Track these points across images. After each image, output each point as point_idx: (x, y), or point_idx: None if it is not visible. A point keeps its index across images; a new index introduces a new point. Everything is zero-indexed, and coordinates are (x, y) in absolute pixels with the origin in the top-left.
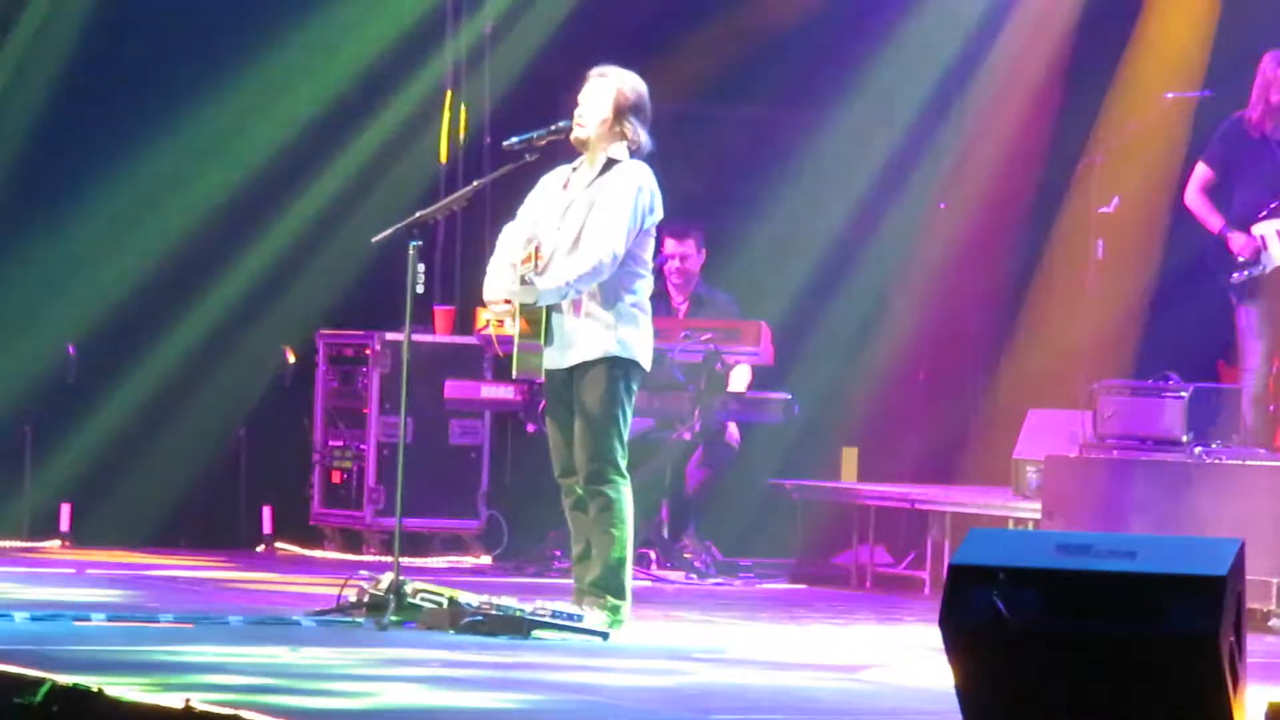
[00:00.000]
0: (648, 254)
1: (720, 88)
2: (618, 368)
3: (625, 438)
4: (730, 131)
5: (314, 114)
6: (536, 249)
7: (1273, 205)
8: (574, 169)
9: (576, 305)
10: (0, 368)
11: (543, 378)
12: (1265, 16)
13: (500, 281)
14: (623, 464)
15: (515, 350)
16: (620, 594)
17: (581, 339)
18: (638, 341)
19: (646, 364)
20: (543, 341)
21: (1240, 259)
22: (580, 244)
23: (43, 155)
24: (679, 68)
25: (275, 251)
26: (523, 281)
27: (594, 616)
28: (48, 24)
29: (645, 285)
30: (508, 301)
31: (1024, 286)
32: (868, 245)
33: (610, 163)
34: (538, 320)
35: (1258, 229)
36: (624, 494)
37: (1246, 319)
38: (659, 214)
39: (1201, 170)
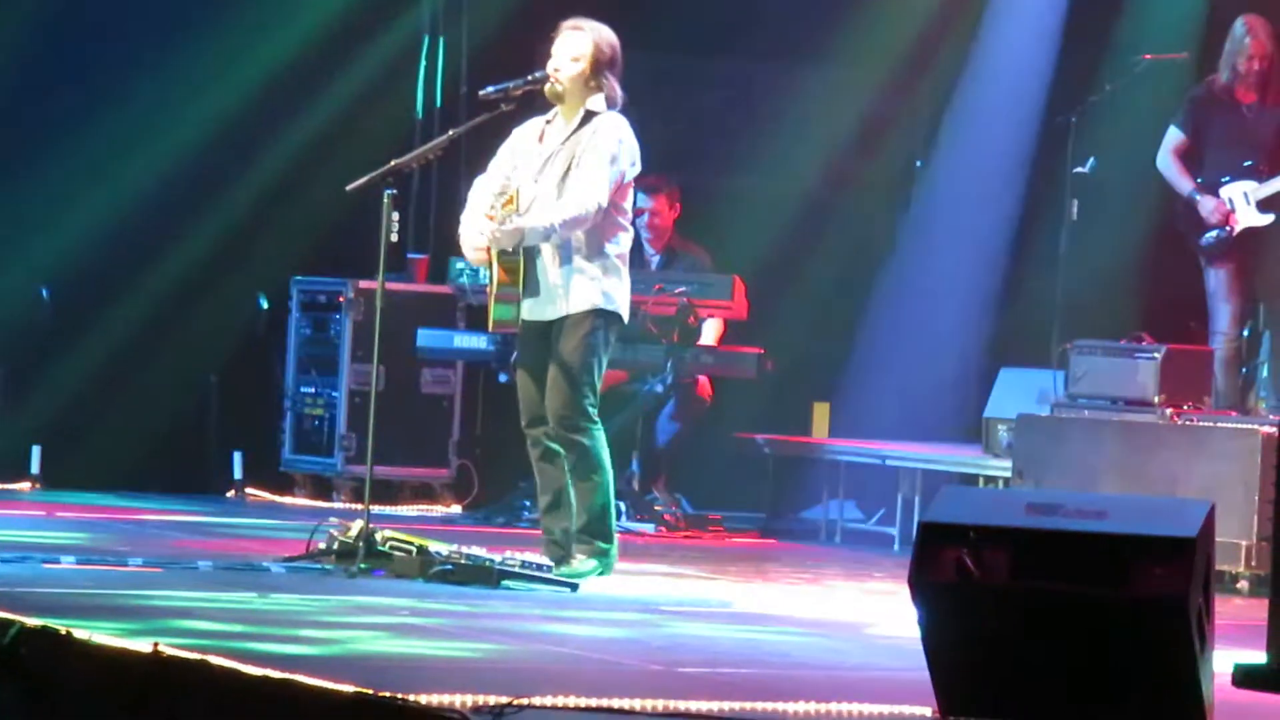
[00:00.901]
0: (628, 205)
1: (696, 41)
2: (600, 318)
3: (598, 388)
4: (706, 85)
5: (290, 61)
6: (516, 193)
7: (1244, 166)
8: (548, 121)
9: (560, 256)
10: None
11: (518, 329)
12: None
13: (476, 230)
14: (594, 412)
15: (490, 301)
16: (608, 538)
17: (566, 292)
18: (620, 294)
19: (625, 316)
20: (521, 291)
21: (1209, 222)
22: (565, 192)
23: (16, 100)
24: (654, 20)
25: (250, 198)
26: (502, 224)
27: (582, 563)
28: None
29: (626, 237)
30: (486, 250)
31: (999, 245)
32: (844, 202)
33: (589, 115)
34: (515, 270)
35: (1225, 192)
36: (599, 440)
37: (1215, 281)
38: (638, 167)
39: (1173, 134)
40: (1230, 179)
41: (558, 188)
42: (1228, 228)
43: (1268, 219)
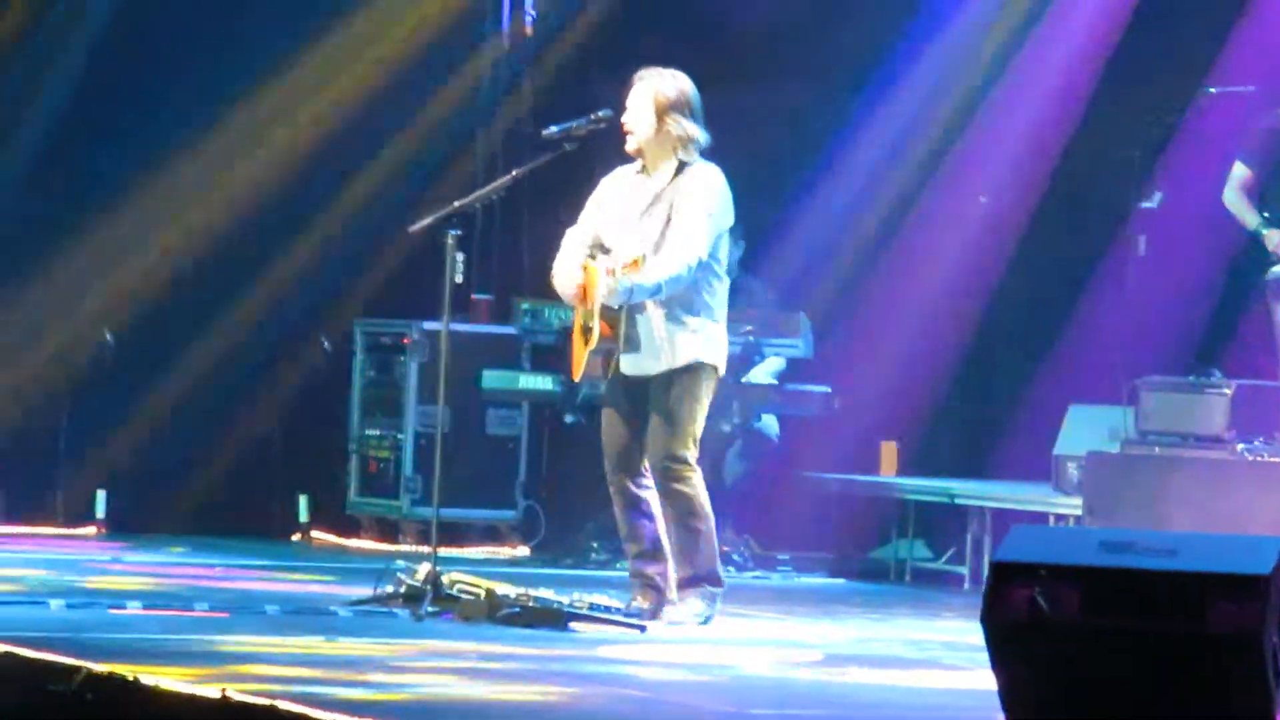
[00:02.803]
0: (723, 255)
1: (760, 78)
2: (699, 371)
3: (699, 439)
4: (770, 122)
5: (353, 106)
6: (642, 258)
7: None
8: (638, 172)
9: (664, 311)
10: (40, 356)
11: (605, 379)
12: None
13: (574, 280)
14: (694, 462)
15: (581, 350)
16: (719, 583)
17: (669, 346)
18: (719, 345)
19: (724, 368)
20: (620, 346)
21: (1274, 257)
22: (665, 247)
23: (84, 145)
24: (718, 59)
25: (315, 242)
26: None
27: (693, 607)
28: (83, 14)
29: (723, 287)
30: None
31: (1066, 280)
32: (909, 239)
33: (681, 165)
34: (616, 323)
35: None
36: (701, 488)
37: None
38: (731, 217)
39: (1239, 169)
40: None
41: (657, 242)
42: None
43: None
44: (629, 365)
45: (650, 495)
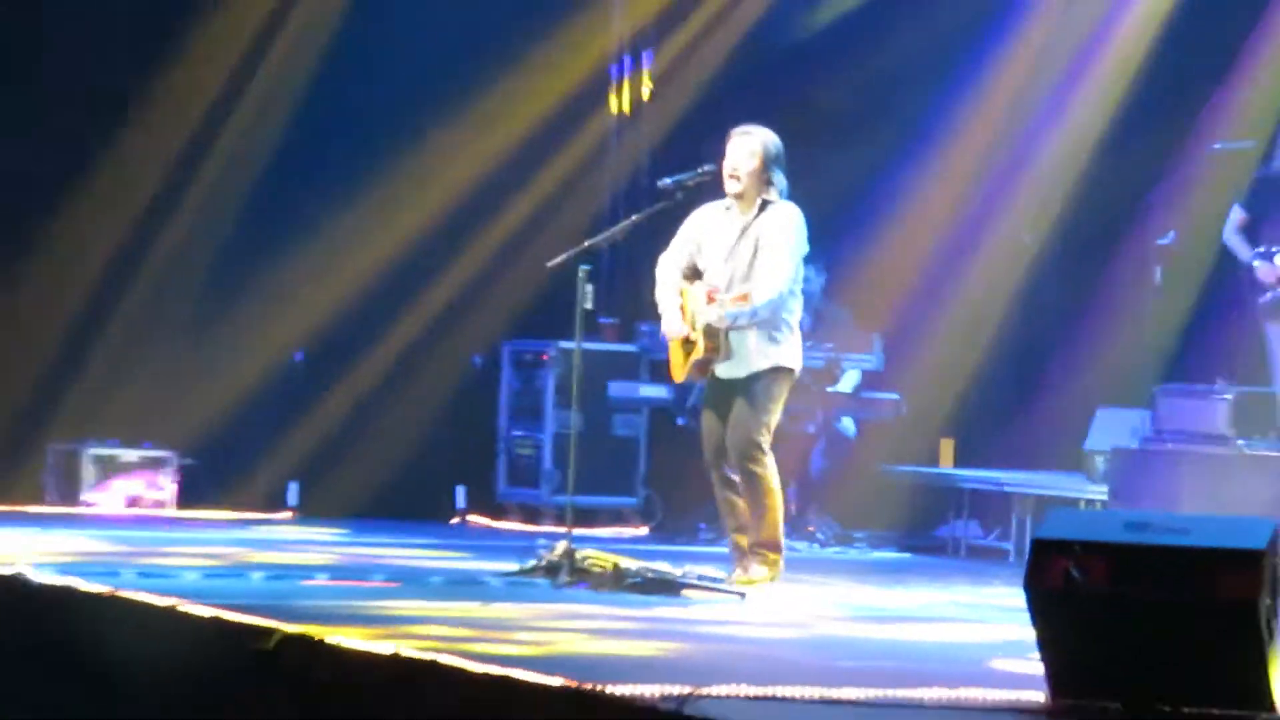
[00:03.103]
0: (799, 278)
1: (838, 133)
2: (779, 373)
3: (773, 429)
4: (846, 172)
5: (506, 159)
6: (748, 295)
7: None
8: (726, 208)
9: (754, 327)
10: (240, 368)
11: (701, 381)
12: None
13: (677, 316)
14: (768, 447)
15: (685, 361)
16: (778, 549)
17: (756, 353)
18: (794, 352)
19: (798, 370)
20: (720, 355)
21: (1265, 284)
22: (754, 275)
23: (277, 188)
24: (806, 118)
25: (469, 275)
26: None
27: (756, 572)
28: (285, 66)
29: (798, 305)
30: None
31: (1095, 306)
32: (963, 269)
33: (764, 204)
34: (716, 337)
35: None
36: (771, 469)
37: (1274, 338)
38: (807, 246)
39: (1237, 212)
40: None
41: (748, 269)
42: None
43: None
44: (724, 370)
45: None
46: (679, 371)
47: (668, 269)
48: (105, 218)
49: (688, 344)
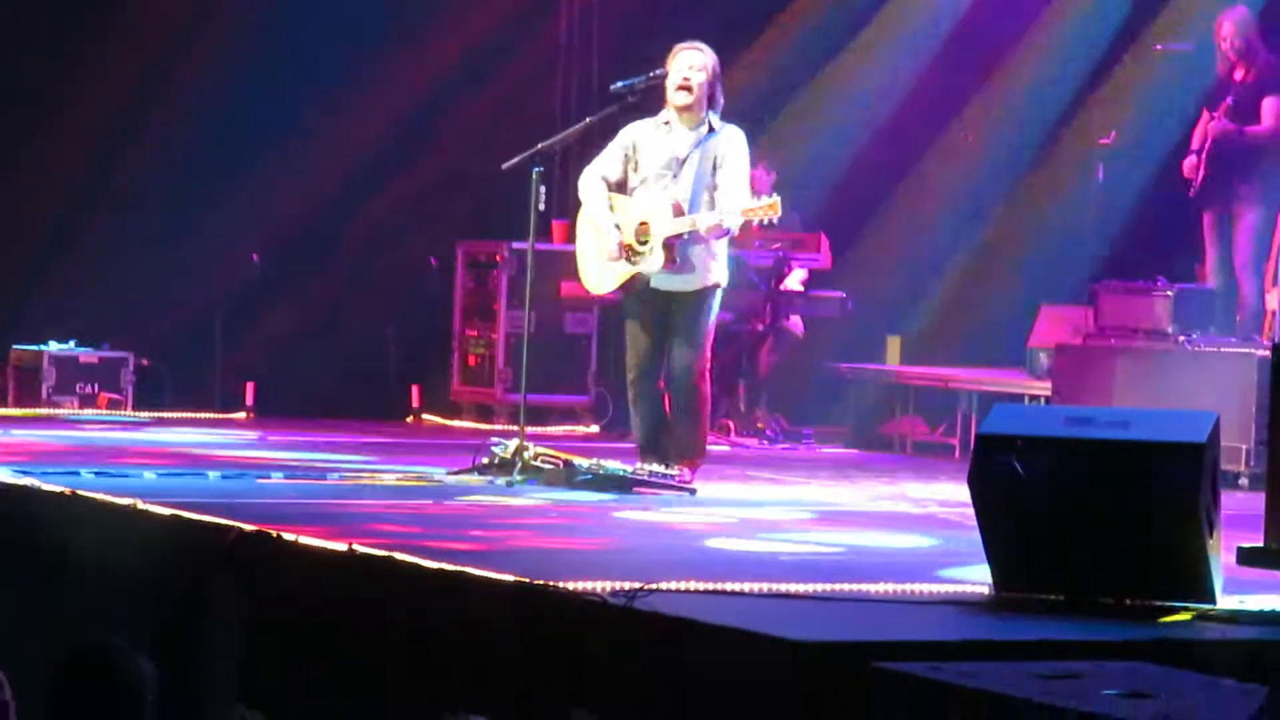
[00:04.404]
0: None
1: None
2: (718, 289)
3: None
4: (793, 74)
5: (453, 64)
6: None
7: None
8: (663, 123)
9: (697, 239)
10: (200, 275)
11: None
12: None
13: (615, 232)
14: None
15: (630, 272)
16: (700, 462)
17: (701, 268)
18: (728, 267)
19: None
20: (674, 261)
21: (1187, 178)
22: (721, 192)
23: (234, 96)
24: (750, 22)
25: (423, 179)
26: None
27: (685, 473)
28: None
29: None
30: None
31: (1038, 203)
32: (908, 168)
33: (709, 123)
34: (673, 249)
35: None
36: (707, 389)
37: (1207, 224)
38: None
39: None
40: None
41: (707, 186)
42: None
43: None
44: (665, 283)
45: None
46: (609, 282)
47: (596, 182)
48: (68, 128)
49: (632, 255)
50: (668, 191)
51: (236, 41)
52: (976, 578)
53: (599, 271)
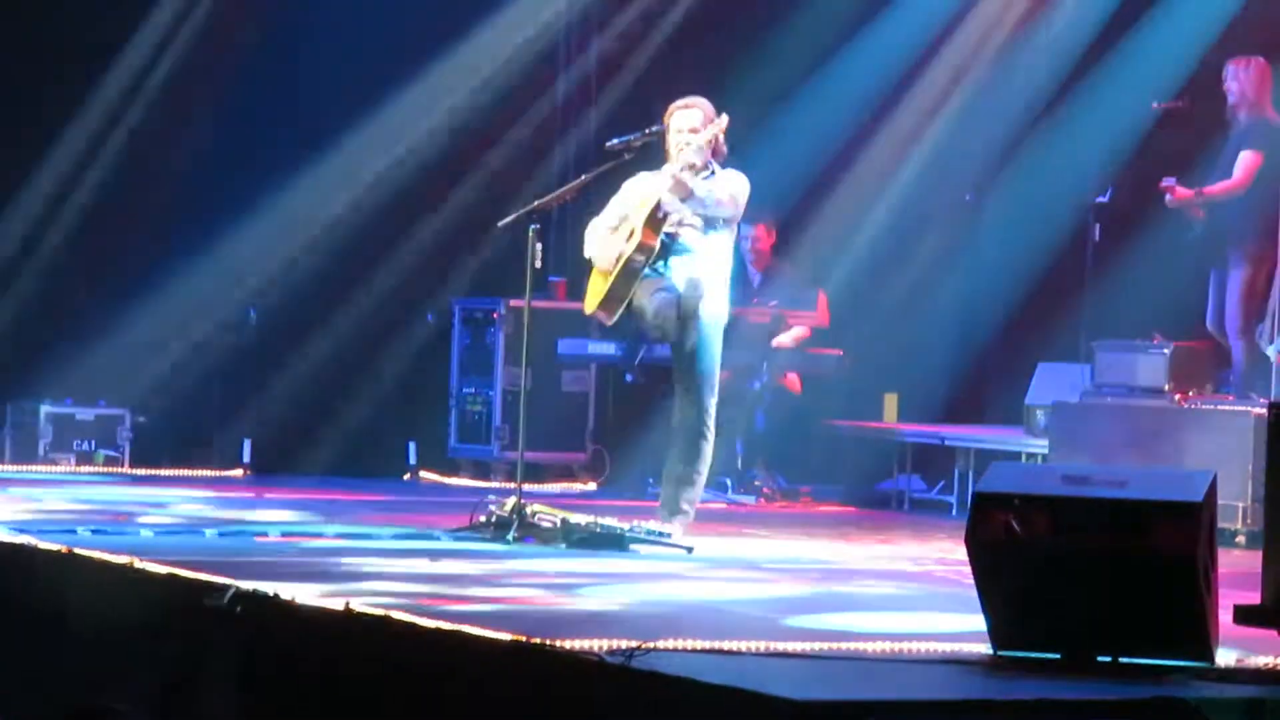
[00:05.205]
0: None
1: (787, 95)
2: (728, 341)
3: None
4: (793, 131)
5: (456, 126)
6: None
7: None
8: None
9: (694, 282)
10: (198, 331)
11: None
12: (1240, 34)
13: (610, 245)
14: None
15: (617, 270)
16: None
17: (704, 310)
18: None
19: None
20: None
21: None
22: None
23: (233, 148)
24: (753, 82)
25: (421, 236)
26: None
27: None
28: (238, 23)
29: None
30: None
31: (1035, 263)
32: (907, 226)
33: (710, 169)
34: (658, 226)
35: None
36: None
37: (1212, 279)
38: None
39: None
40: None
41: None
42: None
43: None
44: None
45: None
46: (603, 294)
47: (599, 232)
48: (61, 179)
49: (627, 267)
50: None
51: (230, 100)
52: (974, 637)
53: (594, 286)
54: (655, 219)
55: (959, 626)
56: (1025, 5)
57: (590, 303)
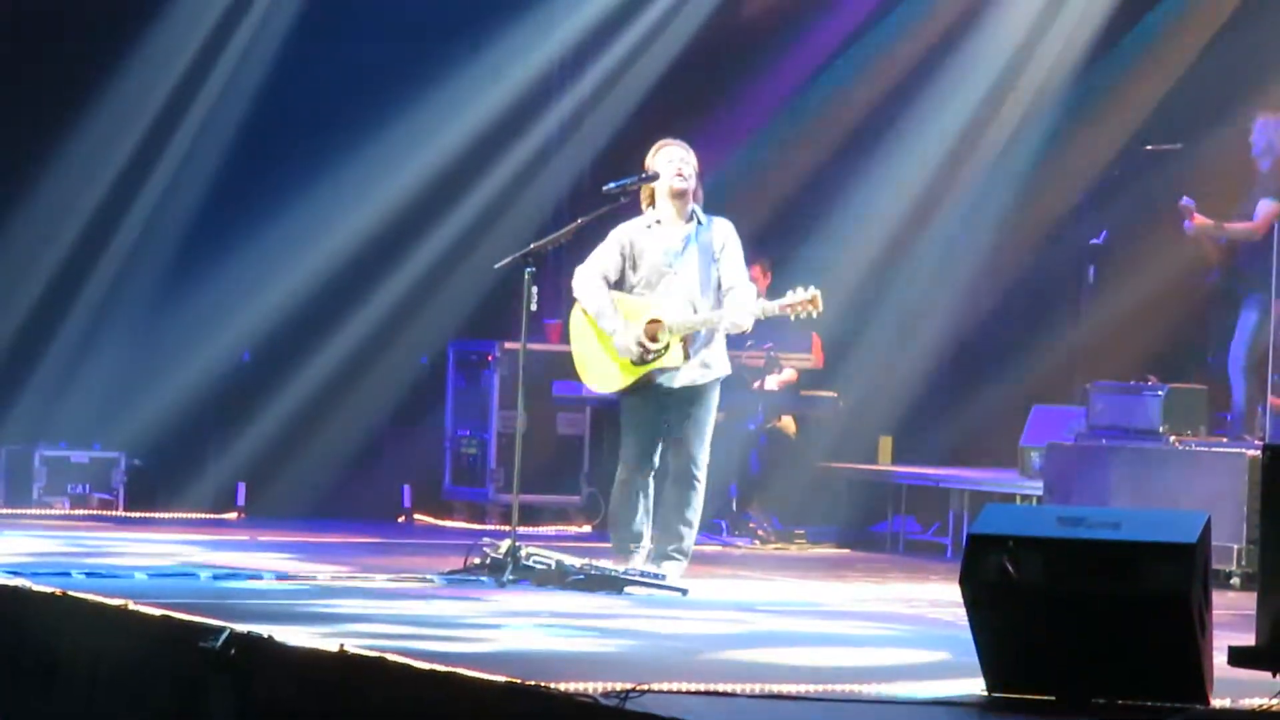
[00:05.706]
0: None
1: (778, 137)
2: (722, 383)
3: None
4: (787, 174)
5: (450, 167)
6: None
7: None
8: (654, 223)
9: (711, 337)
10: (188, 371)
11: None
12: (1230, 77)
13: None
14: None
15: (645, 369)
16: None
17: (717, 360)
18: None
19: None
20: (683, 361)
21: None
22: (726, 284)
23: (225, 191)
24: (745, 122)
25: (416, 275)
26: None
27: (673, 570)
28: (234, 73)
29: None
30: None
31: (1029, 304)
32: (901, 270)
33: (699, 220)
34: (688, 344)
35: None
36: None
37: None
38: None
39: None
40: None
41: (708, 276)
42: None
43: None
44: (669, 379)
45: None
46: (616, 381)
47: (596, 280)
48: (54, 223)
49: (647, 353)
50: (672, 286)
51: (224, 140)
52: (969, 678)
53: (603, 370)
54: (692, 338)
55: (953, 668)
56: (1013, 45)
57: (604, 385)
